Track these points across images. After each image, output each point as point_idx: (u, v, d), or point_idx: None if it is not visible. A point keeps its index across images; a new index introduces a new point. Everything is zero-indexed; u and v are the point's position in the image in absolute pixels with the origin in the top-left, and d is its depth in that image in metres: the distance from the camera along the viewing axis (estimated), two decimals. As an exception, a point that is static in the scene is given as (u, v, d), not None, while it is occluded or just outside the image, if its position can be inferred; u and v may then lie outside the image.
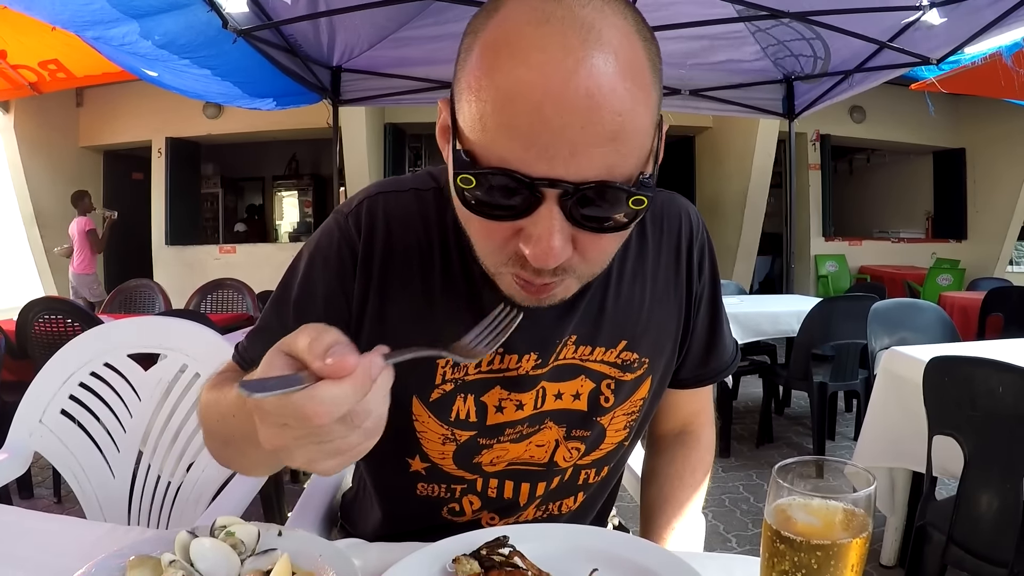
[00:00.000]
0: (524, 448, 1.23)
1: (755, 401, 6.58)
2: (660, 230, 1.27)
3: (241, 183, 16.87)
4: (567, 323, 1.17)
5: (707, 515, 3.99)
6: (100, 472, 1.96)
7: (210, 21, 4.59)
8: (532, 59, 0.78)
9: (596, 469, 1.31)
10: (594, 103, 0.78)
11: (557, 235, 0.83)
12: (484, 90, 0.81)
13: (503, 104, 0.80)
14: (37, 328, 4.36)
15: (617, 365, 1.22)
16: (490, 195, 0.84)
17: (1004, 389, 2.15)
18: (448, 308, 1.14)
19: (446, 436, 1.20)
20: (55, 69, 6.59)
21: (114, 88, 10.98)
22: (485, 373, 1.16)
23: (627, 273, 1.23)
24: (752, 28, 6.27)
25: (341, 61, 6.66)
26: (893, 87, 7.59)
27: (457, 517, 1.28)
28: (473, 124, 0.82)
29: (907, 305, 4.30)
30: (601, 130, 0.79)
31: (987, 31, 4.91)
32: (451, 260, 1.15)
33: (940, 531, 2.37)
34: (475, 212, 0.87)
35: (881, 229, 15.03)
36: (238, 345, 1.22)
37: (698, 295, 1.31)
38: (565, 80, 0.77)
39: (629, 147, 0.83)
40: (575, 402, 1.22)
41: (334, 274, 1.15)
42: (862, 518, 0.78)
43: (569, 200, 0.82)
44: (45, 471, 4.80)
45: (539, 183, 0.81)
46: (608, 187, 0.82)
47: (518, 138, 0.79)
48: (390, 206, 1.17)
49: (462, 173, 0.83)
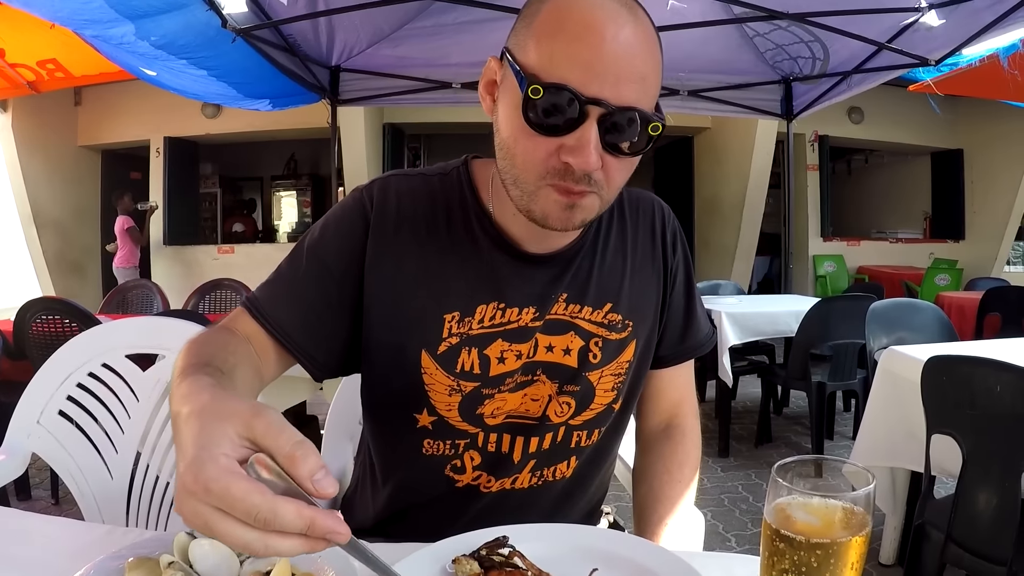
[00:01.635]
0: (520, 400, 1.33)
1: (754, 401, 6.59)
2: (636, 213, 1.47)
3: (240, 183, 16.85)
4: (560, 283, 1.33)
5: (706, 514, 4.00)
6: (98, 473, 1.96)
7: (209, 21, 4.58)
8: (595, 15, 1.04)
9: (587, 432, 1.39)
10: (634, 51, 1.05)
11: (594, 145, 1.05)
12: (555, 33, 1.06)
13: (570, 42, 1.04)
14: (35, 328, 4.36)
15: (604, 325, 1.36)
16: (547, 112, 1.05)
17: (1002, 388, 2.15)
18: (454, 265, 1.29)
19: (452, 387, 1.29)
20: (53, 68, 6.58)
21: (112, 87, 10.97)
22: (488, 328, 1.29)
23: (610, 245, 1.41)
24: (751, 32, 6.27)
25: (340, 61, 6.66)
26: (891, 88, 7.61)
27: (458, 475, 1.35)
28: (542, 59, 1.06)
29: (905, 305, 4.30)
30: (636, 71, 1.05)
31: (985, 32, 4.91)
32: (455, 227, 1.31)
33: (939, 530, 2.37)
34: (532, 125, 1.07)
35: (879, 229, 15.04)
36: (250, 296, 1.31)
37: (673, 270, 1.49)
38: (616, 32, 1.04)
39: (650, 90, 1.08)
40: (565, 357, 1.34)
41: (347, 233, 1.30)
42: (861, 516, 0.78)
43: (606, 121, 1.05)
44: (43, 472, 4.80)
45: (589, 101, 1.03)
46: (636, 111, 1.05)
47: (580, 65, 1.03)
48: (401, 185, 1.34)
49: (533, 85, 1.04)
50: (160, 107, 11.34)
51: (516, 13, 1.18)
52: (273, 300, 1.28)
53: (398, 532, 1.40)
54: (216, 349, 1.09)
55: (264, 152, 15.36)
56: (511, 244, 1.30)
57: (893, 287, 11.07)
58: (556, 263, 1.32)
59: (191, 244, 12.75)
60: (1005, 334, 6.09)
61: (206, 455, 0.69)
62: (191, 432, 0.73)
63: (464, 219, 1.31)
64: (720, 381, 5.44)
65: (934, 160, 14.24)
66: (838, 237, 13.56)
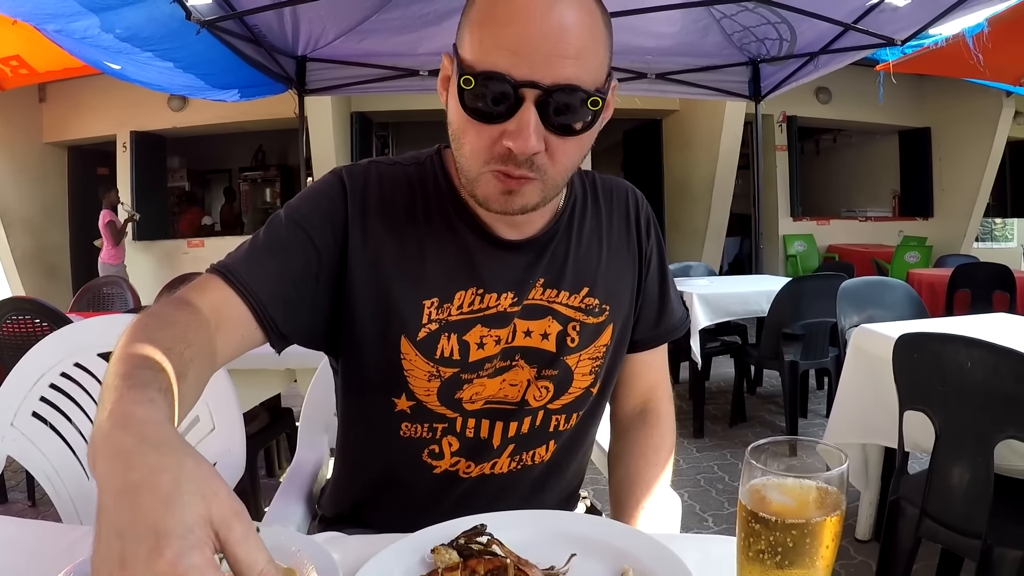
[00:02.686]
0: (499, 386, 1.33)
1: (727, 381, 6.62)
2: (611, 199, 1.49)
3: (208, 175, 16.74)
4: (537, 268, 1.34)
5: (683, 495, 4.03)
6: (74, 474, 1.94)
7: (173, 13, 4.54)
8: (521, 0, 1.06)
9: (565, 416, 1.40)
10: (564, 28, 1.05)
11: (533, 129, 1.07)
12: (485, 21, 1.08)
13: (499, 28, 1.06)
14: (5, 329, 4.30)
15: (581, 309, 1.37)
16: (483, 100, 1.08)
17: (973, 364, 2.18)
18: (432, 252, 1.29)
19: (431, 373, 1.29)
20: (17, 65, 6.49)
21: (77, 83, 10.85)
22: (467, 314, 1.29)
23: (585, 230, 1.42)
24: (718, 15, 6.29)
25: (306, 51, 6.62)
26: (858, 68, 7.64)
27: (436, 460, 1.35)
28: (473, 47, 1.08)
29: (875, 283, 4.34)
30: (569, 48, 1.05)
31: (950, 12, 4.95)
32: (432, 214, 1.31)
33: (913, 505, 2.40)
34: (470, 114, 1.10)
35: (848, 208, 15.18)
36: (222, 263, 1.21)
37: (647, 255, 1.50)
38: (545, 12, 1.05)
39: (588, 66, 1.08)
40: (543, 342, 1.35)
41: (328, 210, 1.28)
42: (835, 496, 0.79)
43: (544, 103, 1.06)
44: (18, 475, 4.76)
45: (521, 84, 1.05)
46: (573, 88, 1.07)
47: (507, 49, 1.05)
48: (381, 170, 1.34)
49: (464, 75, 1.07)
50: (126, 101, 11.24)
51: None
52: (250, 267, 1.19)
53: (377, 520, 1.41)
54: (173, 340, 0.95)
55: (232, 144, 15.24)
56: (486, 230, 1.31)
57: (863, 265, 11.15)
58: (532, 248, 1.33)
59: (161, 239, 12.67)
60: (975, 310, 6.17)
61: (191, 540, 0.61)
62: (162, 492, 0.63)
63: (440, 206, 1.32)
64: (693, 362, 5.46)
65: (902, 139, 14.37)
66: (808, 217, 13.66)
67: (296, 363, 3.12)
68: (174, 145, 13.95)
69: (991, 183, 12.86)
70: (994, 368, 2.13)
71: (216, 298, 1.14)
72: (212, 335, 1.07)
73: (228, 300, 1.15)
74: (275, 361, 3.09)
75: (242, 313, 1.16)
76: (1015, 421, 2.08)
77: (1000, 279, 6.50)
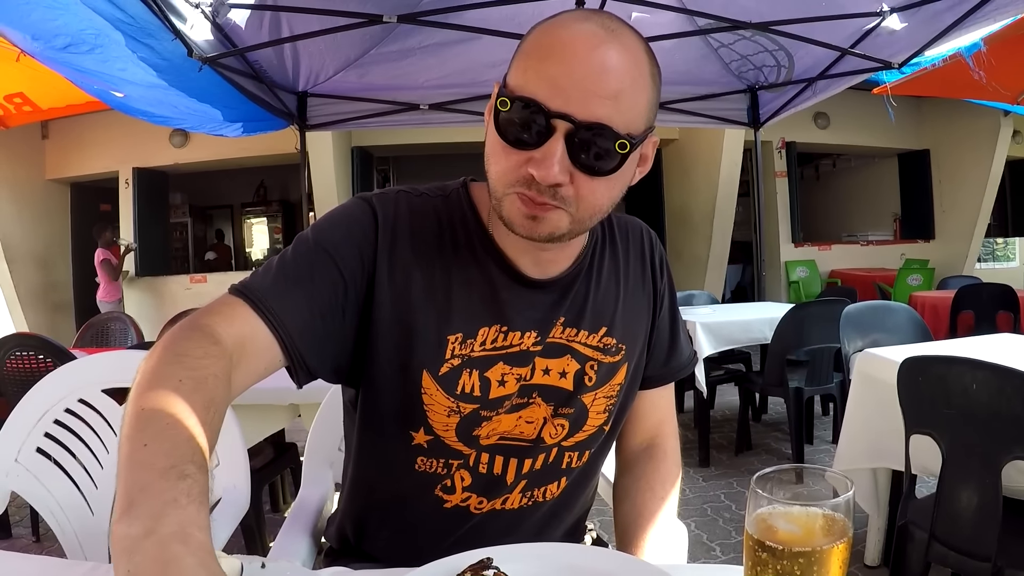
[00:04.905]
0: (515, 423, 1.33)
1: (732, 409, 6.61)
2: (627, 239, 1.50)
3: (209, 211, 16.81)
4: (560, 306, 1.34)
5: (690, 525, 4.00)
6: (79, 510, 1.94)
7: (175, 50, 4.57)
8: (570, 33, 1.09)
9: (579, 453, 1.40)
10: (605, 70, 1.06)
11: (558, 159, 1.07)
12: (532, 51, 1.11)
13: (544, 59, 1.08)
14: (9, 365, 4.31)
15: (599, 348, 1.37)
16: (515, 125, 1.09)
17: (978, 386, 2.18)
18: (458, 286, 1.29)
19: (451, 408, 1.28)
20: (21, 103, 6.53)
21: (80, 120, 10.93)
22: (490, 351, 1.29)
23: (604, 270, 1.42)
24: (716, 43, 6.32)
25: (307, 86, 6.66)
26: (856, 92, 7.67)
27: (448, 495, 1.34)
28: (518, 74, 1.11)
29: (878, 307, 4.33)
30: (606, 88, 1.06)
31: (947, 34, 4.97)
32: (460, 248, 1.31)
33: (922, 529, 2.39)
34: (502, 136, 1.11)
35: (849, 233, 15.18)
36: (247, 285, 1.18)
37: (661, 293, 1.52)
38: (589, 52, 1.07)
39: (624, 109, 1.09)
40: (561, 380, 1.35)
41: (358, 237, 1.26)
42: (842, 523, 0.79)
43: (574, 137, 1.07)
44: (23, 510, 4.74)
45: (554, 115, 1.06)
46: (604, 128, 1.07)
47: (547, 80, 1.07)
48: (410, 200, 1.33)
49: (502, 97, 1.10)
50: (128, 138, 11.31)
51: (481, 33, 1.23)
52: (279, 296, 1.15)
53: (383, 553, 1.40)
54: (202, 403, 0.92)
55: (233, 180, 15.34)
56: (513, 268, 1.31)
57: (866, 289, 11.15)
58: (556, 288, 1.34)
59: (163, 275, 12.69)
60: (979, 331, 6.15)
61: None
62: None
63: (467, 240, 1.32)
64: (699, 391, 5.45)
65: (901, 161, 14.40)
66: (809, 242, 13.67)
67: (300, 398, 3.12)
68: (176, 181, 14.01)
69: (991, 203, 12.87)
70: (999, 389, 2.12)
71: (243, 329, 1.11)
72: (231, 374, 1.04)
73: (256, 331, 1.12)
74: (279, 396, 3.09)
75: (269, 345, 1.13)
76: (1022, 442, 2.07)
77: (1003, 299, 6.50)
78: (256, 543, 3.31)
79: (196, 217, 15.97)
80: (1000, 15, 4.61)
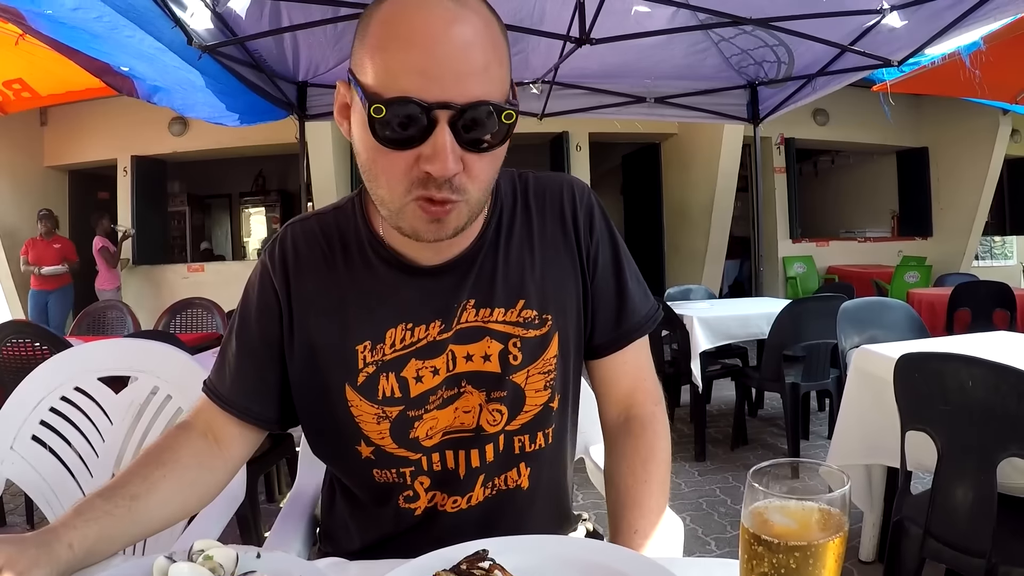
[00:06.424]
0: (452, 416, 1.32)
1: (728, 404, 6.62)
2: (542, 200, 1.42)
3: (208, 200, 16.77)
4: (463, 288, 1.31)
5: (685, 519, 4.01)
6: (74, 498, 1.93)
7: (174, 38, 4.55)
8: (422, 17, 1.04)
9: (529, 436, 1.36)
10: (468, 43, 1.04)
11: (450, 149, 1.04)
12: (385, 46, 1.05)
13: (402, 51, 1.03)
14: (5, 352, 4.30)
15: (519, 323, 1.33)
16: (396, 127, 1.04)
17: (974, 383, 2.18)
18: (356, 296, 1.31)
19: (379, 415, 1.30)
20: (20, 89, 6.50)
21: (78, 107, 10.91)
22: (400, 351, 1.29)
23: (514, 240, 1.37)
24: (716, 38, 6.31)
25: (307, 76, 6.65)
26: (855, 89, 7.67)
27: (413, 503, 1.35)
28: (378, 74, 1.05)
29: (876, 303, 4.33)
30: (476, 62, 1.04)
31: (947, 32, 4.97)
32: (351, 258, 1.33)
33: (917, 525, 2.39)
34: (384, 143, 1.07)
35: (847, 229, 15.20)
36: (207, 381, 1.42)
37: (591, 255, 1.42)
38: (446, 31, 1.03)
39: (495, 78, 1.07)
40: (486, 363, 1.32)
41: (260, 298, 1.36)
42: (838, 517, 0.79)
43: (457, 122, 1.04)
44: (17, 498, 4.74)
45: (434, 106, 1.02)
46: (486, 104, 1.05)
47: (415, 72, 1.02)
48: (296, 232, 1.38)
49: (375, 104, 1.03)
50: (126, 126, 11.30)
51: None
52: (222, 378, 1.38)
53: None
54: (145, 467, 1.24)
55: (232, 169, 15.28)
56: (407, 263, 1.30)
57: (863, 286, 11.17)
58: (457, 270, 1.31)
59: (161, 263, 12.68)
60: (975, 329, 6.15)
61: None
62: None
63: (359, 248, 1.33)
64: (694, 385, 5.46)
65: (900, 159, 14.42)
66: (807, 238, 13.69)
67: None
68: (174, 170, 13.98)
69: (989, 201, 12.92)
70: (995, 386, 2.12)
71: (207, 416, 1.38)
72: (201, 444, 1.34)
73: (215, 414, 1.37)
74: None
75: (229, 419, 1.36)
76: (1017, 439, 2.07)
77: (1000, 297, 6.50)
78: (251, 533, 3.31)
79: (194, 206, 15.93)
80: (1000, 14, 4.63)
